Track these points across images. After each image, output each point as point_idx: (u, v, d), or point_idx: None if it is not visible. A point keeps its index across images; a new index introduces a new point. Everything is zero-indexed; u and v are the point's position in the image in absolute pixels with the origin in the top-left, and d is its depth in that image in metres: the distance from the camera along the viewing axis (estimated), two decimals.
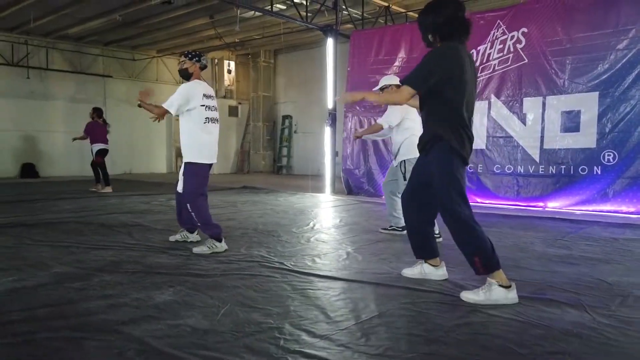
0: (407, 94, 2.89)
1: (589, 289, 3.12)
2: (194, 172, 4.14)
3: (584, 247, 4.49)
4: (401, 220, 4.68)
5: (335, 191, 9.50)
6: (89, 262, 3.74)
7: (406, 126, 4.75)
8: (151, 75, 16.11)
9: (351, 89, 8.85)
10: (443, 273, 3.30)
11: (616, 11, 6.53)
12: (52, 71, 13.98)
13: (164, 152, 16.58)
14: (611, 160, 6.55)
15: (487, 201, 7.62)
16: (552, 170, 7.05)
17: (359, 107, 9.10)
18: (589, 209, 6.68)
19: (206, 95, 4.12)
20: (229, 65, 16.09)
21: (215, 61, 16.05)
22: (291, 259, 3.89)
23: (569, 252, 4.24)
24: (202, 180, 4.20)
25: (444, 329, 2.41)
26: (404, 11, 10.99)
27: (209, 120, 4.13)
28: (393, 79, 4.96)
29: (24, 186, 10.71)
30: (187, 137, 4.14)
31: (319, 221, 5.96)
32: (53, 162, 14.02)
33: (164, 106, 4.03)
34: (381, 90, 4.79)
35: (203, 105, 4.08)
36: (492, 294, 2.79)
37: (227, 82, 16.26)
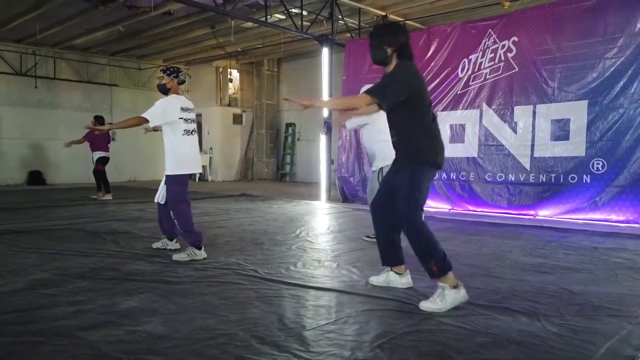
0: (368, 101, 2.98)
1: (549, 298, 3.16)
2: (173, 181, 4.33)
3: (561, 256, 4.50)
4: None
5: (331, 199, 9.58)
6: (68, 269, 3.87)
7: (377, 129, 4.66)
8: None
9: None
10: (407, 281, 3.37)
11: (604, 20, 6.53)
12: (60, 80, 14.29)
13: None
14: (600, 169, 6.54)
15: (479, 209, 7.64)
16: (543, 178, 7.05)
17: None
18: (579, 217, 6.67)
19: (184, 109, 4.30)
20: (230, 74, 16.29)
21: (219, 70, 16.27)
22: (265, 267, 3.98)
23: (544, 261, 4.27)
24: (183, 187, 4.39)
25: (389, 336, 2.47)
26: (402, 20, 11.06)
27: (187, 132, 4.32)
28: None
29: (29, 193, 10.96)
30: (167, 150, 4.35)
31: (306, 229, 6.03)
32: (59, 169, 14.29)
33: (142, 115, 4.18)
34: None
35: (181, 118, 4.27)
36: (446, 299, 2.88)
37: (232, 90, 16.46)
